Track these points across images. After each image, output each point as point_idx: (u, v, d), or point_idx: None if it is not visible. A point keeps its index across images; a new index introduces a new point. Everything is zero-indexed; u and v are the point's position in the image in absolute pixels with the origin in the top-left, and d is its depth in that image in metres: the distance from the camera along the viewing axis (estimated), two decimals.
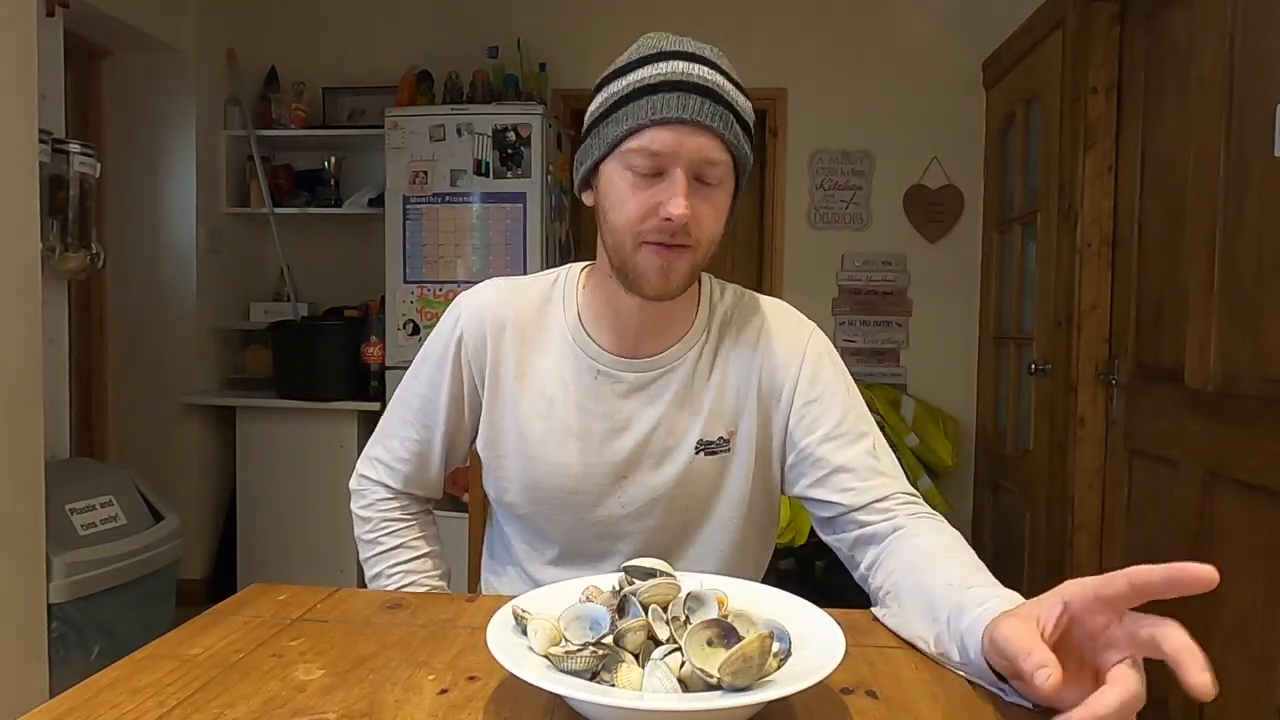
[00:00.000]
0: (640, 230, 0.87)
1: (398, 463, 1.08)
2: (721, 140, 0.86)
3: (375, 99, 3.51)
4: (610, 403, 0.98)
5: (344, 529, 3.29)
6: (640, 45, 0.92)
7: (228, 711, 0.63)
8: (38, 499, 2.01)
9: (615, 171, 0.88)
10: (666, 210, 0.84)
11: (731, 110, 0.87)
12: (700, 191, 0.87)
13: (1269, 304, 1.73)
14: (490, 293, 1.03)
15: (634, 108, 0.86)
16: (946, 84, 3.48)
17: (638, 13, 3.51)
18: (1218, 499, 1.90)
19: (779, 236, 3.58)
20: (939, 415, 3.40)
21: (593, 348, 0.99)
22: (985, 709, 0.65)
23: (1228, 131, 1.89)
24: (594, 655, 0.61)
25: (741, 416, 0.99)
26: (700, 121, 0.84)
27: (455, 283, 3.10)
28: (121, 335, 3.31)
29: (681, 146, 0.85)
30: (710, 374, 0.99)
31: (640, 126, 0.85)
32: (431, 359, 1.05)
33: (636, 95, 0.86)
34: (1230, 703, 1.82)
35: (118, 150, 3.23)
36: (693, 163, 0.86)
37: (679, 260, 0.88)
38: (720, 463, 0.99)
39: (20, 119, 1.96)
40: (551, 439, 0.99)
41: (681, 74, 0.85)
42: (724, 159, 0.87)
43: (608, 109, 0.89)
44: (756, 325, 1.02)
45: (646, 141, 0.85)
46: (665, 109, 0.84)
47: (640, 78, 0.87)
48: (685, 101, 0.84)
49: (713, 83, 0.86)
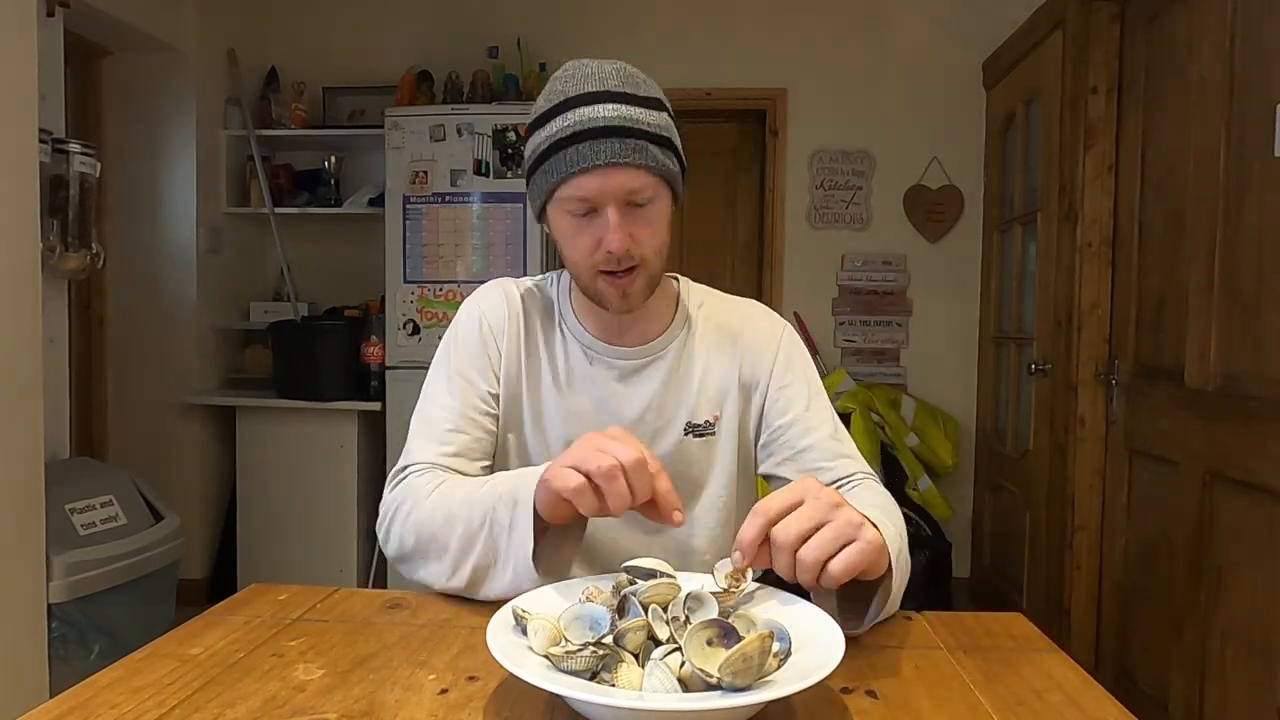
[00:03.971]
0: (592, 263, 0.97)
1: (444, 448, 1.01)
2: (641, 168, 0.93)
3: (375, 99, 3.51)
4: (606, 385, 1.06)
5: (344, 529, 3.30)
6: (549, 91, 0.97)
7: (228, 711, 0.63)
8: (38, 499, 2.01)
9: (557, 214, 0.98)
10: (607, 245, 0.94)
11: (644, 136, 0.93)
12: (634, 214, 0.95)
13: (1269, 304, 1.73)
14: (499, 288, 1.11)
15: (554, 162, 0.94)
16: (946, 84, 3.48)
17: (637, 13, 3.51)
18: (1218, 499, 1.90)
19: (779, 236, 3.58)
20: (939, 415, 3.40)
21: (587, 337, 1.07)
22: (985, 708, 0.65)
23: (1228, 131, 1.89)
24: (594, 655, 0.61)
25: (725, 402, 1.08)
26: (615, 162, 0.91)
27: (455, 283, 3.10)
28: (121, 335, 3.30)
29: (605, 186, 0.92)
30: (695, 361, 1.08)
31: (564, 178, 0.93)
32: (460, 346, 1.07)
33: (554, 150, 0.93)
34: (1230, 702, 1.82)
35: (118, 150, 3.22)
36: (619, 196, 0.93)
37: (633, 283, 0.98)
38: (707, 445, 1.07)
39: (20, 119, 1.96)
40: (558, 416, 1.06)
41: (589, 120, 0.92)
42: (648, 182, 0.94)
43: (535, 161, 0.97)
44: (735, 318, 1.12)
45: (573, 190, 0.93)
46: (580, 160, 0.92)
47: (553, 132, 0.94)
48: (597, 148, 0.91)
49: (619, 118, 0.92)
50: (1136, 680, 2.24)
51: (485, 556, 0.86)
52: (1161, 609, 2.11)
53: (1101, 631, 2.48)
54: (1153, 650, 2.16)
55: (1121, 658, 2.36)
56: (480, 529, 0.86)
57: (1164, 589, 2.10)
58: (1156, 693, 2.11)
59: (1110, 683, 2.31)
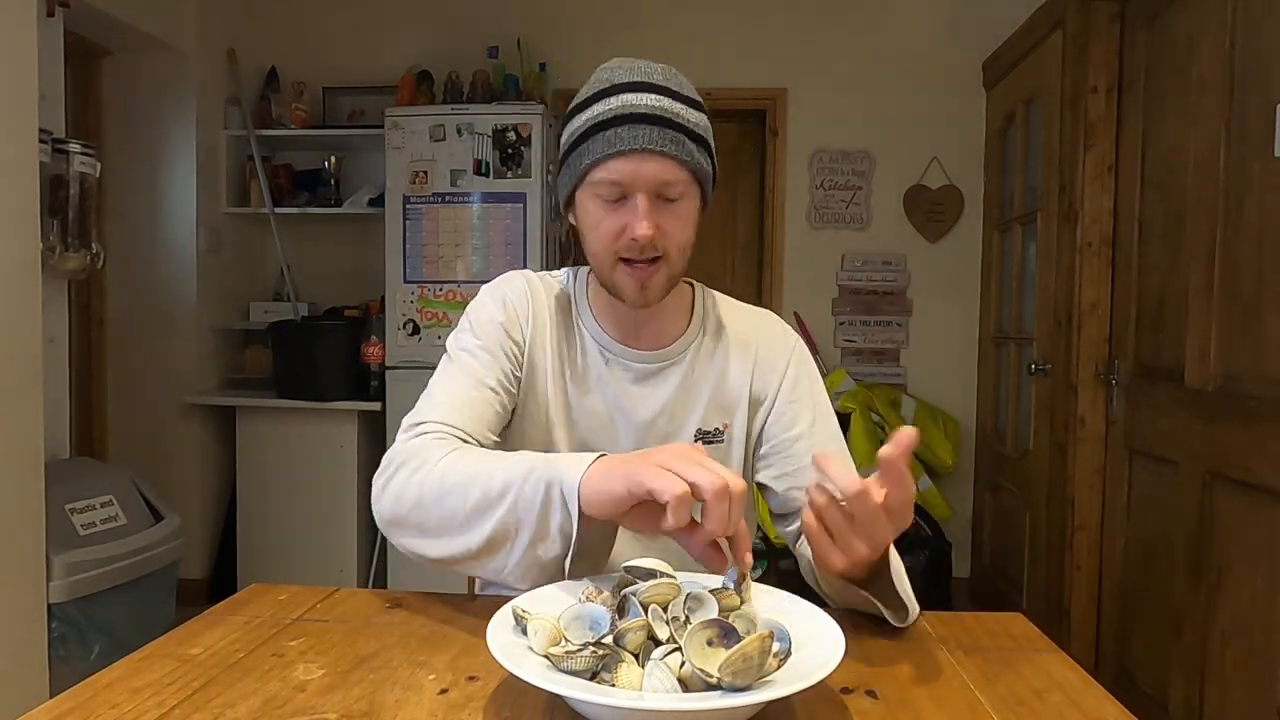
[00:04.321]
0: (614, 249, 0.96)
1: (464, 412, 0.97)
2: (675, 160, 0.94)
3: (375, 99, 3.51)
4: (621, 386, 1.05)
5: (344, 529, 3.29)
6: (595, 79, 1.00)
7: (228, 711, 0.63)
8: (38, 499, 2.01)
9: (587, 199, 0.98)
10: (633, 232, 0.93)
11: (683, 130, 0.95)
12: (664, 207, 0.95)
13: (1269, 304, 1.73)
14: (522, 277, 1.10)
15: (592, 143, 0.95)
16: (946, 84, 3.48)
17: (637, 13, 3.51)
18: (1218, 499, 1.90)
19: (779, 236, 3.58)
20: (939, 415, 3.40)
21: (604, 337, 1.07)
22: (985, 708, 0.65)
23: (1228, 131, 1.89)
24: (594, 655, 0.61)
25: (736, 411, 1.07)
26: (651, 149, 0.92)
27: (455, 283, 3.10)
28: (121, 335, 3.30)
29: (639, 173, 0.93)
30: (709, 369, 1.08)
31: (599, 160, 0.94)
32: (485, 323, 1.03)
33: (594, 131, 0.95)
34: (1230, 702, 1.82)
35: (118, 150, 3.22)
36: (652, 185, 0.94)
37: (653, 275, 0.97)
38: (716, 453, 1.05)
39: (20, 119, 1.96)
40: (570, 413, 1.05)
41: (631, 106, 0.94)
42: (681, 176, 0.95)
43: (572, 144, 0.98)
44: (748, 329, 1.11)
45: (607, 173, 0.94)
46: (619, 142, 0.93)
47: (595, 114, 0.95)
48: (636, 133, 0.92)
49: (660, 109, 0.94)
50: (1136, 680, 2.24)
51: (501, 531, 0.79)
52: (1161, 609, 2.11)
53: (1101, 631, 2.48)
54: (1153, 650, 2.16)
55: (1121, 658, 2.36)
56: (500, 500, 0.79)
57: (1164, 589, 2.10)
58: (1156, 693, 2.11)
59: (1110, 683, 2.31)
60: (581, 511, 0.75)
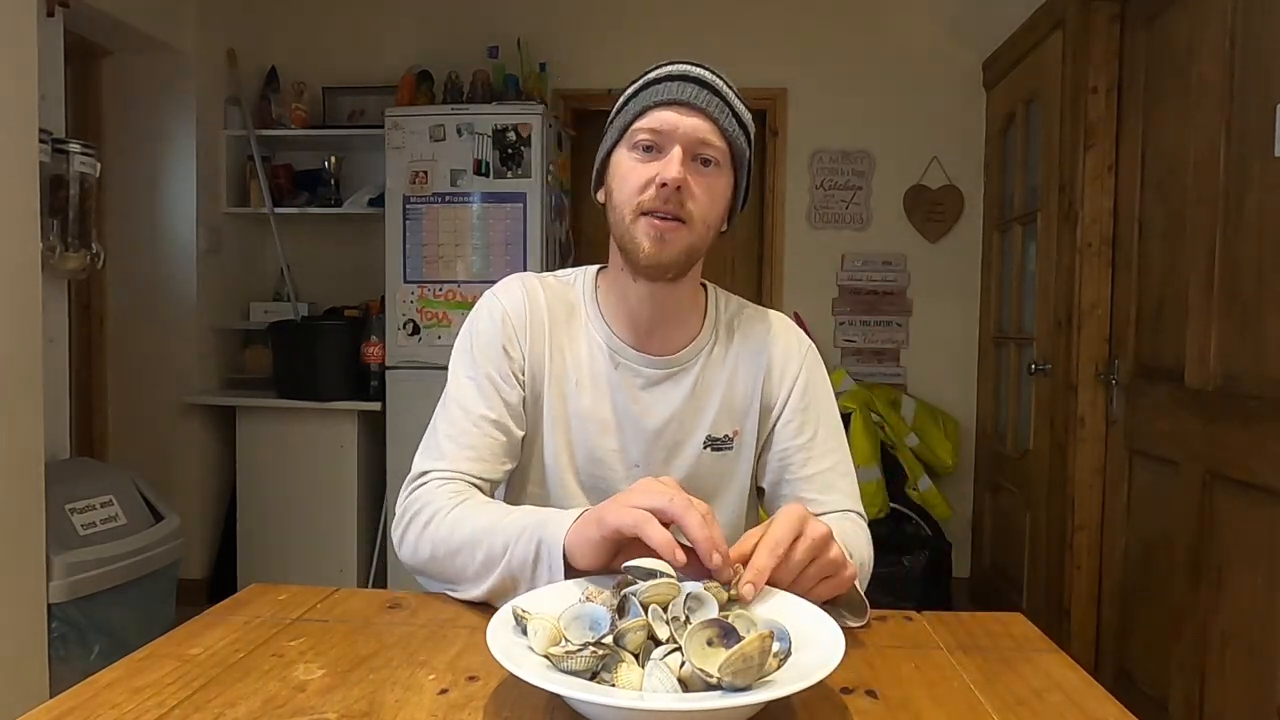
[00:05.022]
0: (639, 201, 0.95)
1: (467, 451, 0.99)
2: (716, 125, 0.95)
3: (375, 99, 3.51)
4: (631, 393, 1.04)
5: (344, 529, 3.30)
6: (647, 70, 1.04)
7: (228, 711, 0.63)
8: (38, 499, 2.01)
9: (622, 155, 0.98)
10: (662, 176, 0.93)
11: (726, 103, 0.97)
12: (697, 170, 0.96)
13: (1269, 304, 1.73)
14: (520, 284, 1.07)
15: (640, 98, 0.97)
16: (946, 84, 3.48)
17: (638, 13, 3.51)
18: (1218, 499, 1.90)
19: (779, 236, 3.58)
20: (939, 415, 3.40)
21: (615, 341, 1.05)
22: (985, 708, 0.65)
23: (1228, 131, 1.89)
24: (594, 655, 0.61)
25: (746, 418, 1.06)
26: (695, 104, 0.95)
27: (455, 283, 3.10)
28: (121, 335, 3.30)
29: (679, 125, 0.94)
30: (720, 375, 1.06)
31: (644, 109, 0.96)
32: (483, 346, 1.03)
33: (643, 88, 0.98)
34: (1230, 702, 1.82)
35: (118, 150, 3.22)
36: (690, 141, 0.94)
37: (674, 233, 0.95)
38: (725, 460, 1.06)
39: (20, 119, 1.96)
40: (577, 419, 1.04)
41: (682, 70, 0.98)
42: (719, 144, 0.96)
43: (620, 106, 1.01)
44: (761, 334, 1.09)
45: (648, 121, 0.95)
46: (665, 93, 0.95)
47: (647, 78, 1.00)
48: (683, 88, 0.95)
49: (710, 80, 0.97)
50: (1136, 680, 2.24)
51: (501, 586, 0.84)
52: (1161, 609, 2.11)
53: (1101, 631, 2.48)
54: (1153, 650, 2.16)
55: (1121, 658, 2.36)
56: (500, 557, 0.84)
57: (1164, 589, 2.10)
58: (1156, 693, 2.10)
59: (1110, 683, 2.31)
60: (568, 564, 0.79)
